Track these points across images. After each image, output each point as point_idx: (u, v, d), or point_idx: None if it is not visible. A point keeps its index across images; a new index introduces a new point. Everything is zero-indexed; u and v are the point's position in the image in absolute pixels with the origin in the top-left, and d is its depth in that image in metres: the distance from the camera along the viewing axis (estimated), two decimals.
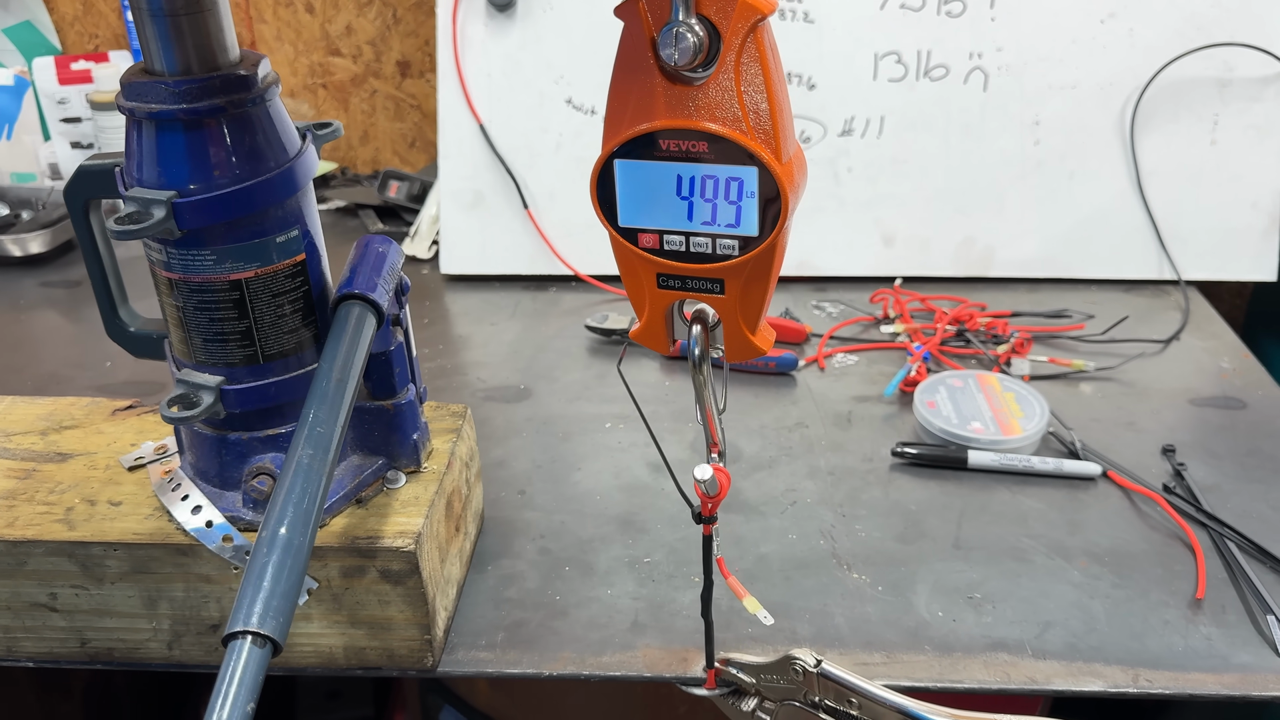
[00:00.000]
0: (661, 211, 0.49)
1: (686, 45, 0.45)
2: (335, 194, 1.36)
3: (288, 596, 0.43)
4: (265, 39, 1.38)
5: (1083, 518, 0.78)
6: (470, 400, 0.94)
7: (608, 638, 0.69)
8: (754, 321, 0.52)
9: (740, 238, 0.49)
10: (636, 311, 0.54)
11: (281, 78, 1.36)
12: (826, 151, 1.12)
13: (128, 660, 0.68)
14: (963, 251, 1.12)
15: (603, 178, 0.50)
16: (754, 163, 0.47)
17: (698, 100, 0.46)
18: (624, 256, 0.52)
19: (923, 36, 1.09)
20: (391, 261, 0.64)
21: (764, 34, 0.45)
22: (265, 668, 0.41)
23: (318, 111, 1.42)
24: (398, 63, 1.37)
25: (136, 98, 0.56)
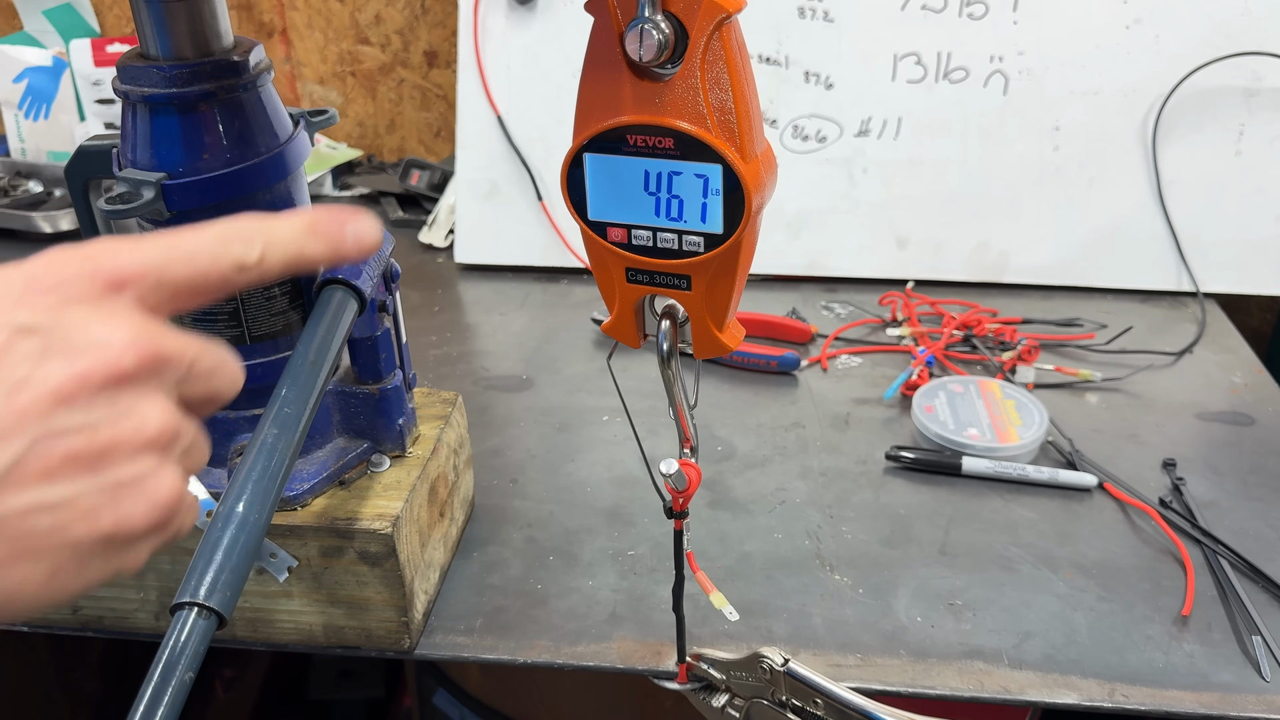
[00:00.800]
0: (630, 206, 0.50)
1: (652, 42, 0.45)
2: (360, 181, 1.37)
3: (237, 571, 0.44)
4: (296, 26, 1.40)
5: (1074, 529, 0.77)
6: (472, 388, 0.95)
7: (584, 628, 0.69)
8: (721, 318, 0.52)
9: (706, 235, 0.49)
10: (607, 305, 0.54)
11: (311, 65, 1.39)
12: (842, 151, 1.11)
13: (117, 629, 0.70)
14: (977, 256, 1.11)
15: (573, 171, 0.50)
16: (718, 160, 0.47)
17: (664, 96, 0.47)
18: (594, 249, 0.52)
19: (943, 38, 1.08)
20: (380, 250, 0.65)
21: (730, 32, 0.45)
22: (209, 639, 0.42)
23: (346, 99, 1.44)
24: (425, 53, 1.39)
25: (130, 81, 0.57)
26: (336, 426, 0.69)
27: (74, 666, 1.33)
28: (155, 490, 0.35)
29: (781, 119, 1.12)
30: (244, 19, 1.40)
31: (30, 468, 0.32)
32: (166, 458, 0.35)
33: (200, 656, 0.41)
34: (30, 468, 0.32)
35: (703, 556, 0.75)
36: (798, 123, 1.11)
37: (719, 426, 0.90)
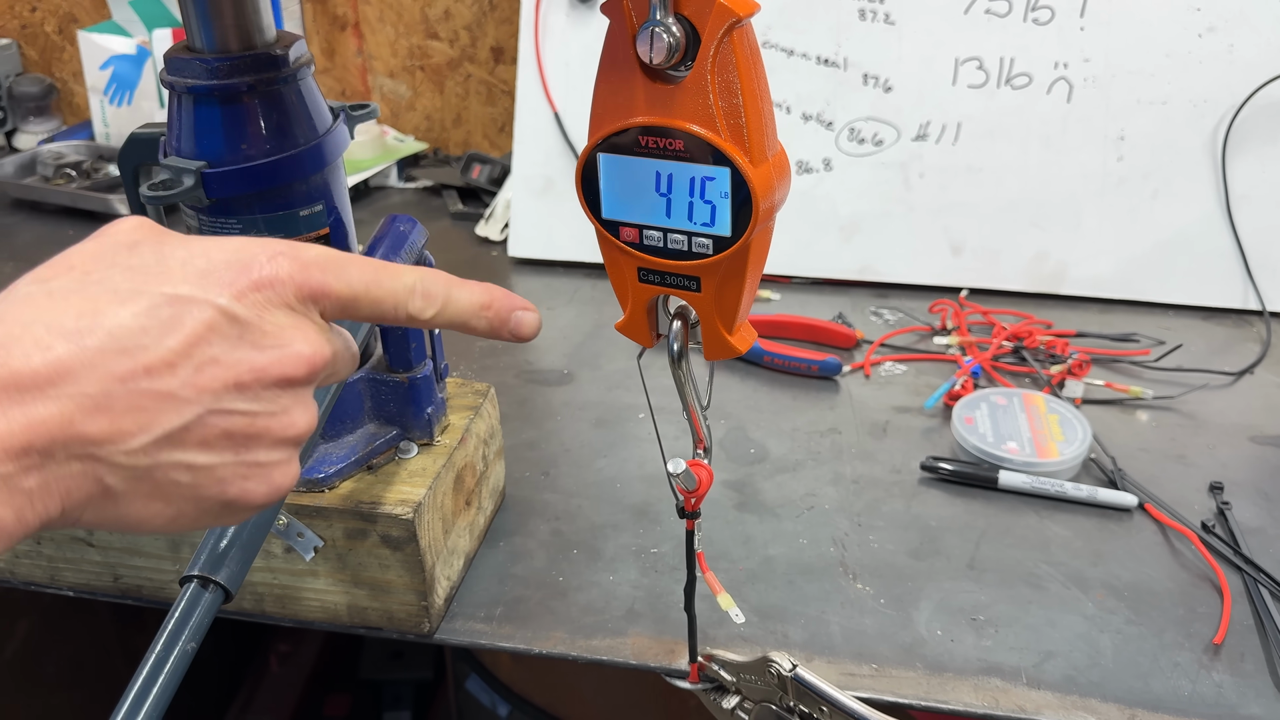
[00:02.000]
0: (642, 206, 0.50)
1: (662, 45, 0.45)
2: (423, 173, 1.40)
3: (246, 549, 0.46)
4: (369, 19, 1.43)
5: (1109, 549, 0.75)
6: (514, 381, 0.97)
7: (601, 622, 0.70)
8: (730, 321, 0.52)
9: (714, 237, 0.49)
10: (621, 304, 0.55)
11: (382, 59, 1.42)
12: (899, 155, 1.10)
13: (154, 598, 0.73)
14: (1034, 266, 1.08)
15: (587, 170, 0.51)
16: (727, 164, 0.47)
17: (676, 98, 0.47)
18: (607, 249, 0.53)
19: (1007, 43, 1.06)
20: (411, 241, 0.66)
21: (742, 36, 0.45)
22: (214, 612, 0.44)
23: (415, 93, 1.46)
24: (491, 48, 1.41)
25: (175, 72, 0.59)
26: (367, 413, 0.70)
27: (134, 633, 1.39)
28: (280, 477, 0.40)
29: (838, 121, 1.11)
30: (318, 12, 1.43)
31: (193, 434, 0.36)
32: (296, 451, 0.41)
33: (204, 628, 0.43)
34: (193, 434, 0.36)
35: (725, 558, 0.75)
36: (854, 125, 1.10)
37: (754, 429, 0.90)
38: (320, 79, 1.48)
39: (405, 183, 1.40)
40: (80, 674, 1.32)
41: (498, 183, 1.31)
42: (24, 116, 1.49)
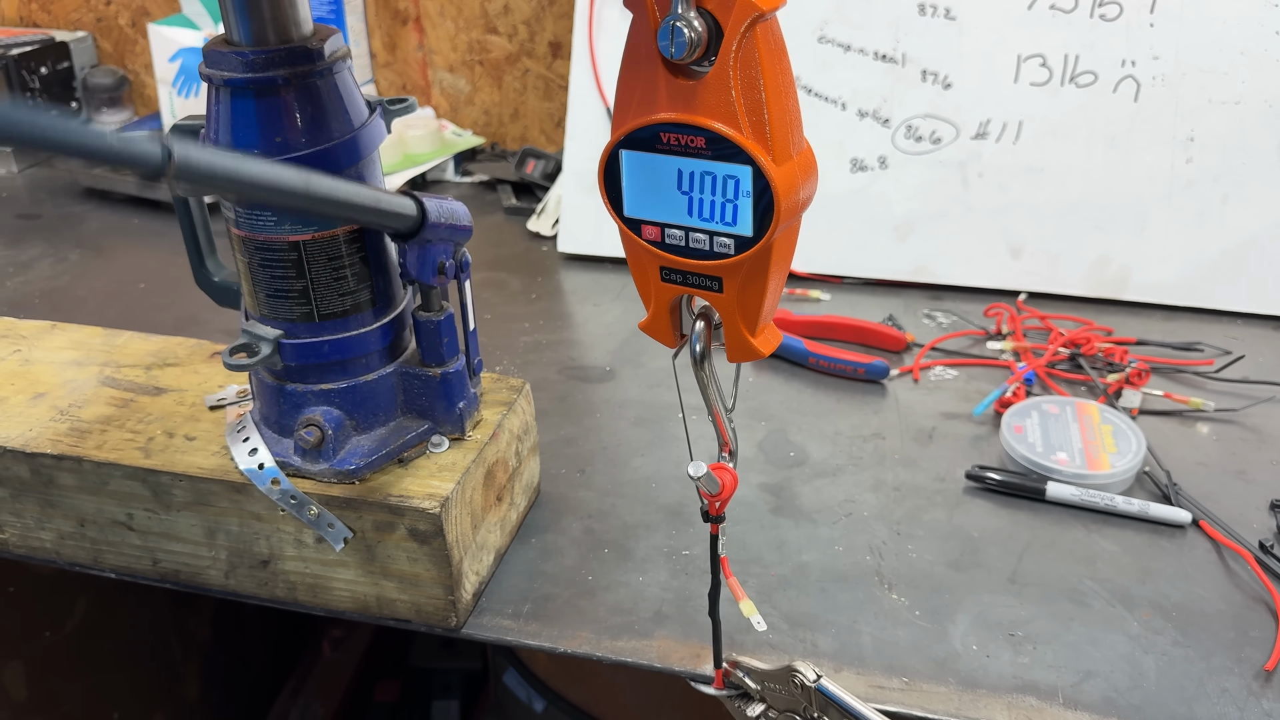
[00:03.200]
0: (664, 204, 0.49)
1: (683, 40, 0.44)
2: (479, 168, 1.41)
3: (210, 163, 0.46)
4: (429, 14, 1.44)
5: (1159, 567, 0.72)
6: (555, 377, 0.96)
7: (628, 623, 0.69)
8: (753, 323, 0.51)
9: (736, 237, 0.48)
10: (644, 302, 0.54)
11: (442, 53, 1.43)
12: (957, 154, 1.07)
13: (191, 583, 0.74)
14: (1096, 271, 1.05)
15: (610, 167, 0.50)
16: (749, 162, 0.46)
17: (698, 95, 0.46)
18: (630, 247, 0.52)
19: (1072, 40, 1.02)
20: (455, 213, 0.65)
21: (766, 31, 0.44)
22: (143, 154, 0.43)
23: (474, 87, 1.47)
24: (550, 43, 1.41)
25: (213, 65, 0.60)
26: (399, 406, 0.70)
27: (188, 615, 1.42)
28: None
29: (895, 118, 1.08)
30: (380, 6, 1.45)
31: None
32: None
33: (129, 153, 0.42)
34: None
35: (758, 562, 0.74)
36: (912, 123, 1.08)
37: (795, 431, 0.88)
38: (381, 73, 1.50)
39: (461, 177, 1.40)
40: (136, 654, 1.35)
41: (551, 178, 1.31)
42: (98, 107, 1.54)
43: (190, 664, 1.45)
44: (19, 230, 1.29)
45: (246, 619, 1.56)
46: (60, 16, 1.58)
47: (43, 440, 0.72)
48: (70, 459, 0.70)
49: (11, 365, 0.81)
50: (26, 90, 1.42)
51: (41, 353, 0.83)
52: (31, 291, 1.14)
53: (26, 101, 0.39)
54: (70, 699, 1.28)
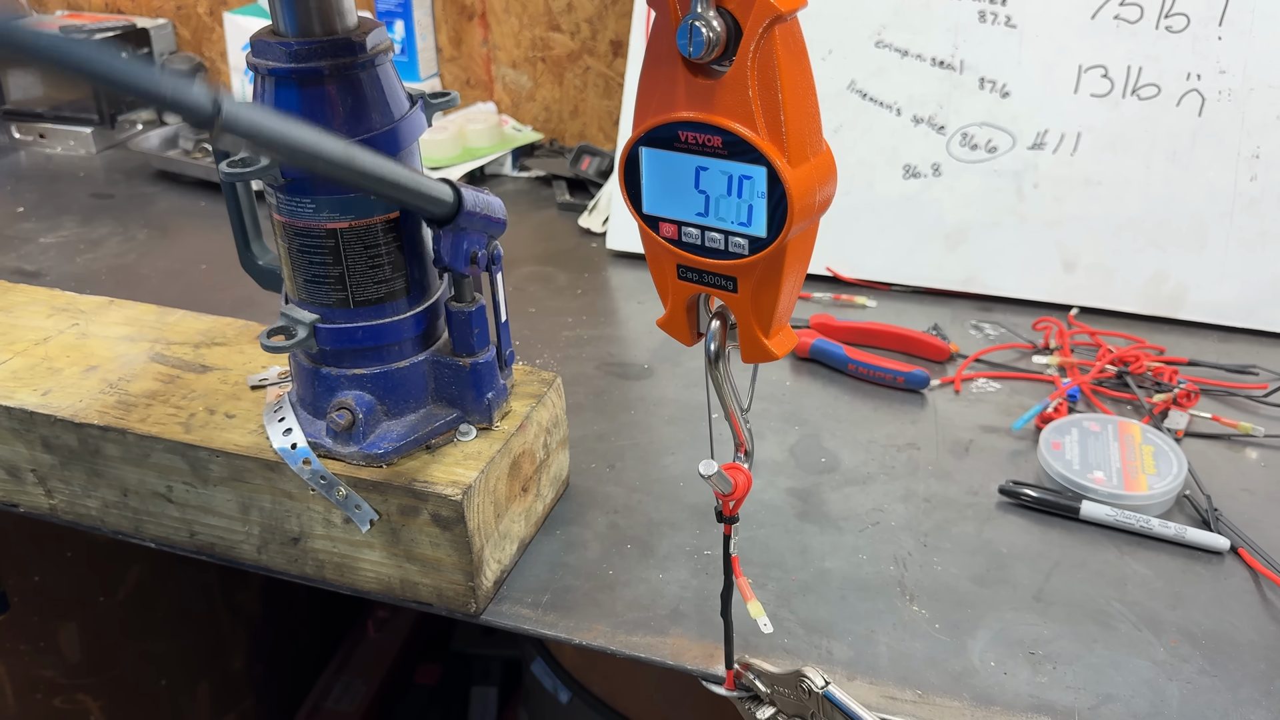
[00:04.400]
0: (681, 202, 0.50)
1: (701, 39, 0.45)
2: (536, 163, 1.42)
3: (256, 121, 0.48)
4: (495, 10, 1.46)
5: (1191, 593, 0.70)
6: (594, 372, 0.97)
7: (644, 620, 0.69)
8: (767, 324, 0.51)
9: (750, 237, 0.48)
10: (661, 300, 0.54)
11: (505, 49, 1.44)
12: (1012, 164, 1.05)
13: (226, 557, 0.76)
14: (1151, 288, 1.02)
15: (630, 164, 0.50)
16: (764, 163, 0.46)
17: (716, 94, 0.46)
18: (649, 243, 0.52)
19: (1135, 51, 1.00)
20: (489, 202, 0.66)
21: (786, 32, 0.44)
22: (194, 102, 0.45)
23: (535, 84, 1.49)
24: (611, 42, 1.42)
25: (259, 54, 0.62)
26: (430, 393, 0.72)
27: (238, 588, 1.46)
28: None
29: (950, 126, 1.07)
30: (448, 2, 1.47)
31: None
32: None
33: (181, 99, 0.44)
34: None
35: (779, 566, 0.74)
36: (967, 130, 1.06)
37: (828, 437, 0.88)
38: (446, 67, 1.52)
39: (519, 172, 1.42)
40: (186, 622, 1.40)
41: (605, 175, 1.32)
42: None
43: (237, 637, 1.49)
44: (92, 209, 1.34)
45: (295, 596, 1.59)
46: (143, 3, 1.63)
47: (91, 411, 0.74)
48: (115, 430, 0.73)
49: (69, 338, 0.84)
50: None
51: (98, 327, 0.86)
52: (99, 268, 1.18)
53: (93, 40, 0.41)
54: (120, 663, 1.32)
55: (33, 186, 1.41)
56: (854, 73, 1.08)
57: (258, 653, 1.53)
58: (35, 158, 1.51)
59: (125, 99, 1.51)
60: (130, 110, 1.52)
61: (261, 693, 1.56)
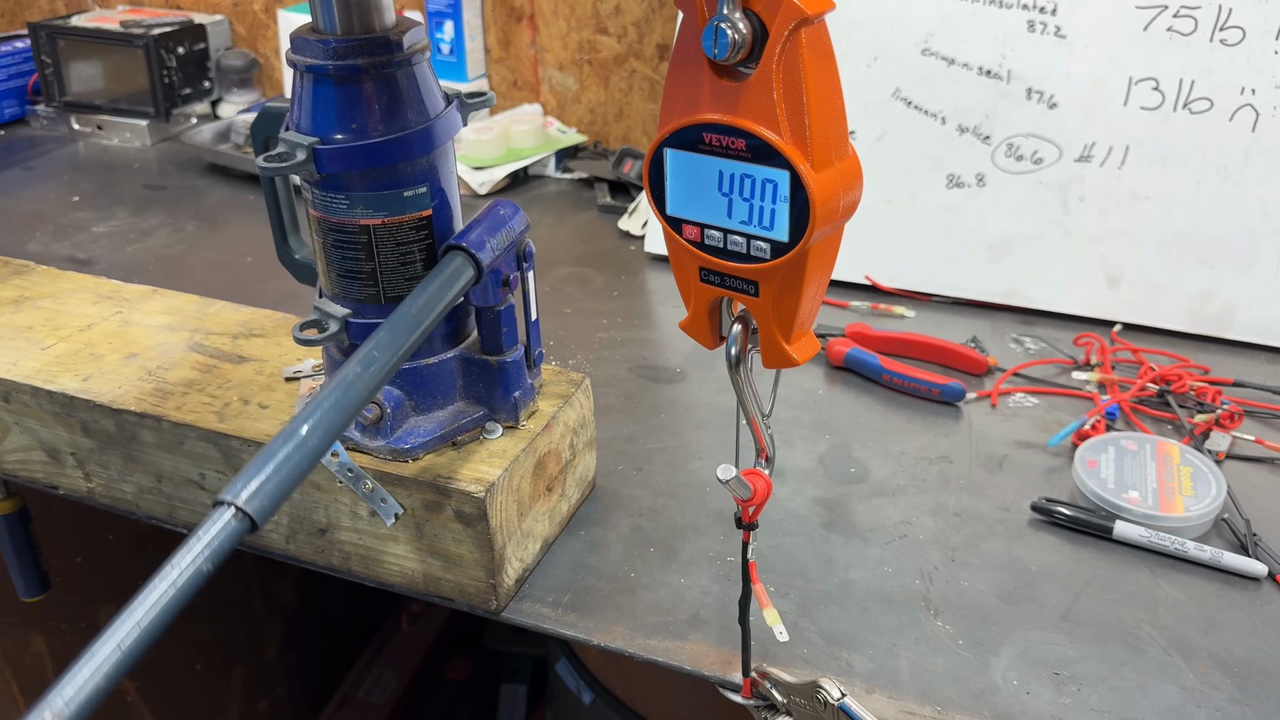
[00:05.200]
0: (704, 205, 0.49)
1: (726, 41, 0.44)
2: (580, 165, 1.43)
3: (281, 486, 0.47)
4: (544, 13, 1.46)
5: (1225, 619, 0.69)
6: (625, 375, 0.97)
7: (664, 624, 0.69)
8: (788, 330, 0.50)
9: (772, 241, 0.48)
10: (684, 302, 0.54)
11: (553, 51, 1.45)
12: (1058, 176, 1.03)
13: (255, 546, 0.77)
14: (1198, 306, 1.00)
15: (654, 165, 0.50)
16: (787, 167, 0.45)
17: (741, 97, 0.46)
18: (672, 245, 0.52)
19: (1188, 64, 0.98)
20: (510, 226, 0.67)
21: (813, 35, 0.44)
22: (236, 540, 0.44)
23: (581, 86, 1.49)
24: (657, 45, 1.42)
25: (299, 51, 0.63)
26: (458, 391, 0.72)
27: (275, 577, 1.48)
28: None
29: (996, 136, 1.05)
30: (497, 3, 1.48)
31: None
32: None
33: (224, 553, 0.44)
34: None
35: (802, 575, 0.73)
36: (1013, 141, 1.05)
37: (859, 448, 0.87)
38: (494, 68, 1.54)
39: (561, 173, 1.42)
40: (222, 609, 1.42)
41: None
42: (228, 87, 1.61)
43: (272, 625, 1.51)
44: (144, 200, 1.36)
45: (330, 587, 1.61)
46: (201, 0, 1.66)
47: (129, 398, 0.76)
48: (151, 417, 0.75)
49: (112, 326, 0.86)
50: (163, 68, 1.50)
51: (140, 315, 0.88)
52: (148, 258, 1.21)
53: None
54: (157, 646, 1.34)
55: (89, 177, 1.44)
56: (899, 80, 1.07)
57: (292, 641, 1.55)
58: (93, 148, 1.55)
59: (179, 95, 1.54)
60: (185, 104, 1.56)
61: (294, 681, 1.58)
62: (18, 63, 1.60)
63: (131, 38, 1.48)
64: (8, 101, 1.60)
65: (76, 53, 1.53)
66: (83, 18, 1.57)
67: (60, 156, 1.52)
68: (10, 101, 1.60)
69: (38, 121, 1.60)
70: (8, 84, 1.59)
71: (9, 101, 1.60)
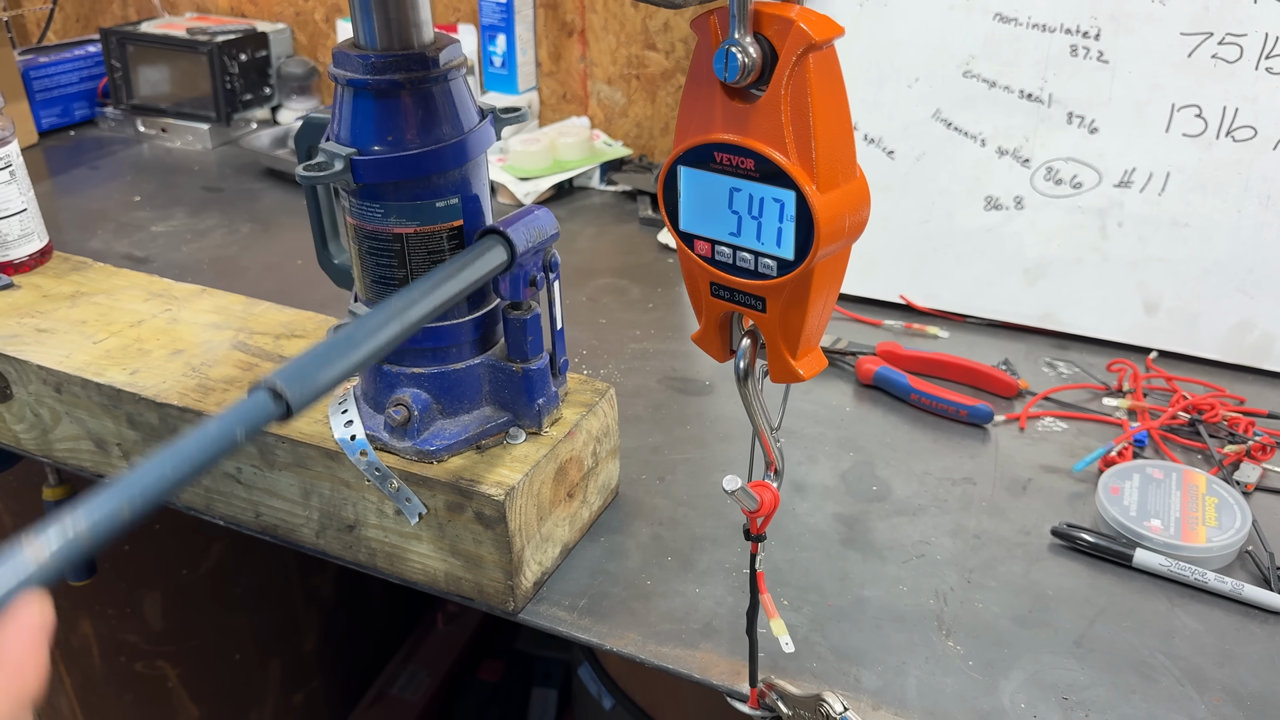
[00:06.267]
0: (715, 221, 0.51)
1: (736, 65, 0.46)
2: (624, 178, 1.44)
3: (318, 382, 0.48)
4: (594, 28, 1.49)
5: (1242, 651, 0.68)
6: (655, 386, 0.99)
7: (676, 632, 0.70)
8: (794, 346, 0.51)
9: (779, 259, 0.49)
10: (696, 315, 0.56)
11: (602, 65, 1.48)
12: (1097, 201, 1.03)
13: (287, 539, 0.80)
14: (1236, 335, 0.99)
15: (669, 181, 0.52)
16: (792, 187, 0.47)
17: (751, 118, 0.47)
18: (684, 260, 0.54)
19: (1233, 91, 0.97)
20: (540, 226, 0.69)
21: (821, 60, 0.45)
22: (268, 419, 0.46)
23: (629, 100, 1.51)
24: None
25: (339, 65, 0.65)
26: (485, 396, 0.74)
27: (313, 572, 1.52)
28: None
29: (1035, 159, 1.05)
30: (549, 18, 1.51)
31: None
32: None
33: (256, 428, 0.46)
34: None
35: (816, 590, 0.74)
36: (1053, 165, 1.05)
37: (882, 466, 0.87)
38: (545, 81, 1.56)
39: (605, 185, 1.45)
40: (261, 601, 1.46)
41: None
42: (288, 94, 1.66)
43: (310, 619, 1.55)
44: (202, 201, 1.41)
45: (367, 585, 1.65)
46: (265, 9, 1.72)
47: (172, 393, 0.79)
48: (192, 412, 0.78)
49: (160, 323, 0.90)
50: (226, 74, 1.55)
51: (188, 314, 0.91)
52: (202, 258, 1.25)
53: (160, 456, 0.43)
54: (198, 635, 1.39)
55: (151, 178, 1.49)
56: (940, 101, 1.08)
57: (329, 636, 1.59)
58: (156, 150, 1.61)
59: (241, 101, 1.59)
60: (245, 109, 1.60)
61: (330, 674, 1.61)
62: (89, 66, 1.66)
63: (196, 44, 1.54)
64: (79, 103, 1.66)
65: (144, 58, 1.59)
66: (151, 24, 1.63)
67: (125, 157, 1.57)
68: (81, 103, 1.67)
69: (106, 123, 1.67)
70: (79, 87, 1.65)
71: (80, 103, 1.66)
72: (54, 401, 0.85)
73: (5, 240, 0.95)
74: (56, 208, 1.39)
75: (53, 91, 1.62)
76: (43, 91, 1.61)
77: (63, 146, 1.61)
